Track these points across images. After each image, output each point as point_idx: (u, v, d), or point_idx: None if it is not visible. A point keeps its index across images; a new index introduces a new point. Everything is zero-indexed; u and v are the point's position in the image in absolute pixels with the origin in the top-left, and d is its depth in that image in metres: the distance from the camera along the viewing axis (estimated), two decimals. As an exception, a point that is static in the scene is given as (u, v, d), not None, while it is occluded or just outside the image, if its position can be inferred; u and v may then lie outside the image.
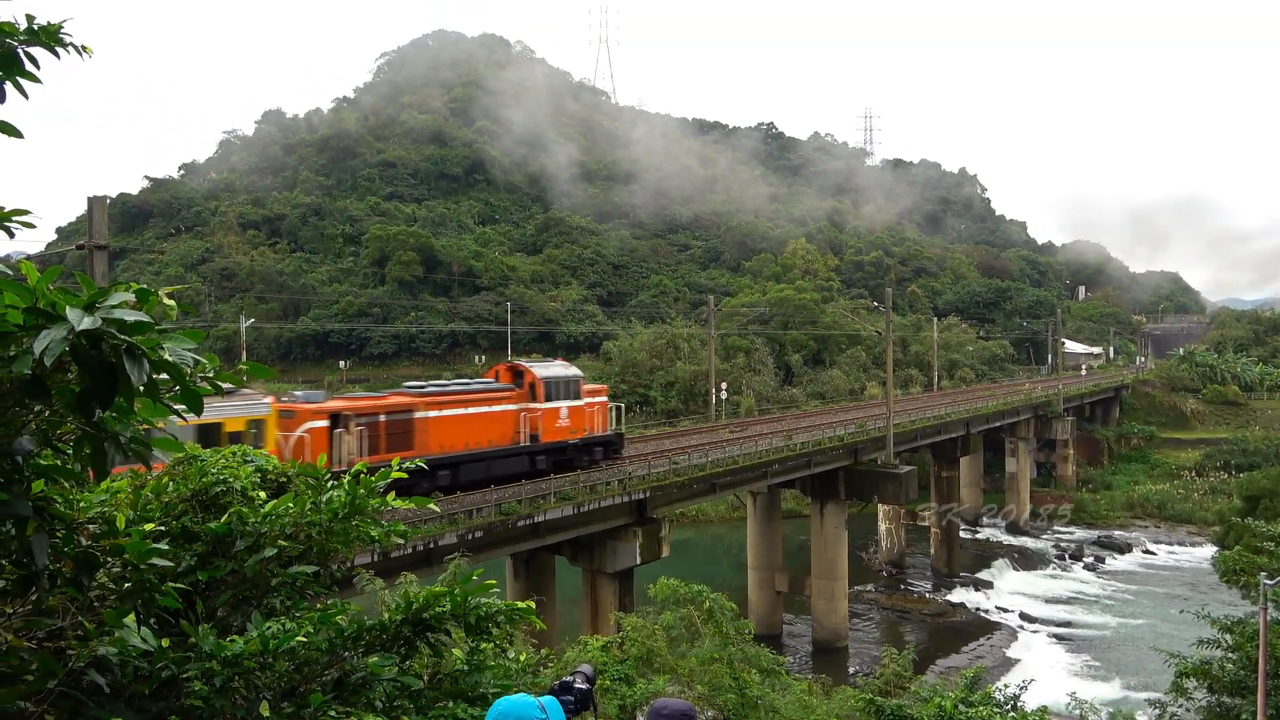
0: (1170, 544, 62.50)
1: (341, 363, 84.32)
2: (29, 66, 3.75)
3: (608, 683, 13.53)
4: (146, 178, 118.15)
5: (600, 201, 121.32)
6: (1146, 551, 61.00)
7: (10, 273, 3.11)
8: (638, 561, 29.42)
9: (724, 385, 66.28)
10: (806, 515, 47.13)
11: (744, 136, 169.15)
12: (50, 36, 3.68)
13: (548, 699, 3.90)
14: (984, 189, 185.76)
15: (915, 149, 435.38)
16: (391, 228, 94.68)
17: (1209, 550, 49.45)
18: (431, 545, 22.87)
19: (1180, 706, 18.49)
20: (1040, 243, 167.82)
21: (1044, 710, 15.93)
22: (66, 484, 3.76)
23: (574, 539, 28.74)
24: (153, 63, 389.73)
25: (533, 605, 5.07)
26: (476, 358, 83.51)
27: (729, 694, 14.90)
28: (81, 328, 2.64)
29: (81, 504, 4.13)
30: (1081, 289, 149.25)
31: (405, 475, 5.28)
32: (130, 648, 3.78)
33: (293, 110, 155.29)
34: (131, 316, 2.72)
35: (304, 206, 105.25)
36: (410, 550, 21.98)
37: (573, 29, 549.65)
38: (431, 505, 5.79)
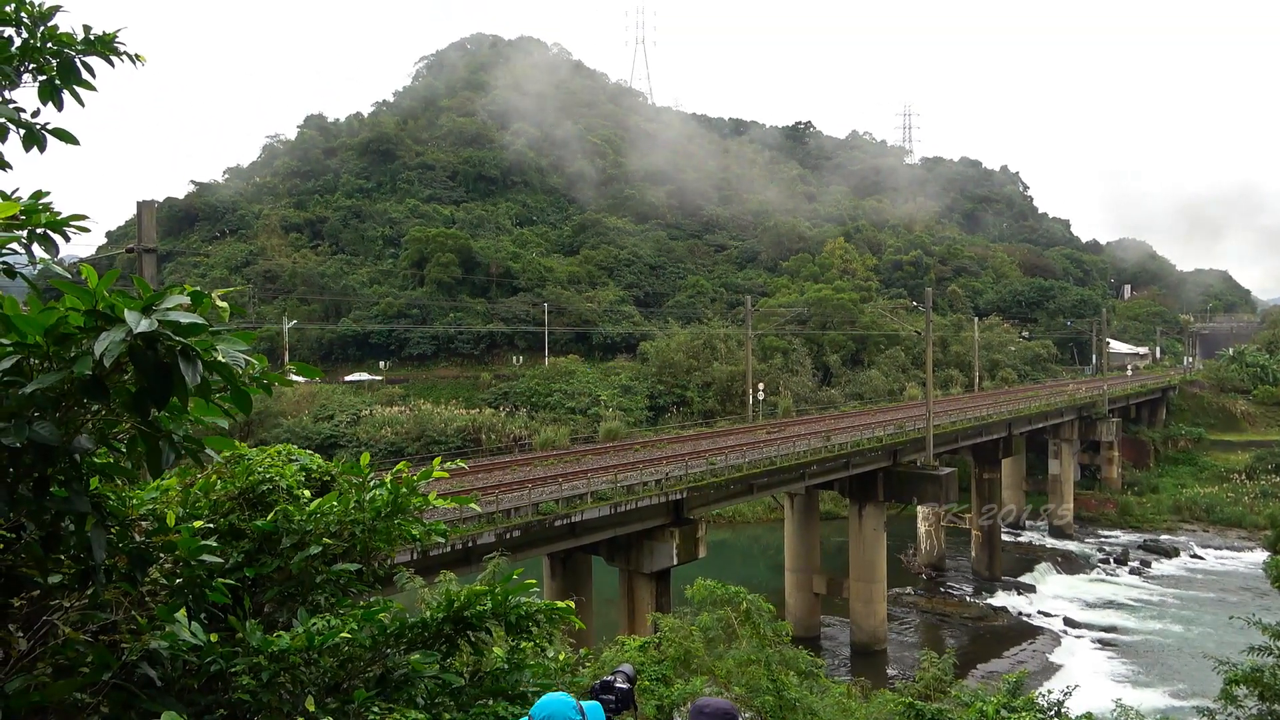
0: (1219, 548, 60.99)
1: (381, 363, 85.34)
2: (85, 75, 3.87)
3: (646, 683, 13.53)
4: (192, 182, 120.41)
5: (636, 202, 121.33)
6: (1194, 556, 59.57)
7: (69, 276, 3.21)
8: (675, 562, 29.38)
9: (761, 386, 65.98)
10: (844, 517, 46.78)
11: (773, 134, 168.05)
12: (106, 46, 3.80)
13: (589, 704, 3.97)
14: (1025, 187, 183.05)
15: (955, 147, 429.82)
16: (430, 229, 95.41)
17: (1260, 555, 48.15)
18: (470, 544, 23.04)
19: (1230, 715, 18.05)
20: (1085, 241, 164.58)
21: (1089, 717, 15.66)
22: (120, 481, 3.86)
23: (611, 539, 28.79)
24: (200, 68, 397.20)
25: (572, 605, 5.11)
26: (515, 358, 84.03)
27: (767, 696, 14.81)
28: (139, 330, 2.71)
29: (134, 501, 4.23)
30: (1127, 288, 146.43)
31: (446, 475, 5.34)
32: (181, 642, 3.87)
33: (334, 114, 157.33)
34: (186, 319, 2.79)
35: (345, 209, 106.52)
36: (449, 549, 22.17)
37: (611, 31, 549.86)
38: (473, 505, 5.86)
